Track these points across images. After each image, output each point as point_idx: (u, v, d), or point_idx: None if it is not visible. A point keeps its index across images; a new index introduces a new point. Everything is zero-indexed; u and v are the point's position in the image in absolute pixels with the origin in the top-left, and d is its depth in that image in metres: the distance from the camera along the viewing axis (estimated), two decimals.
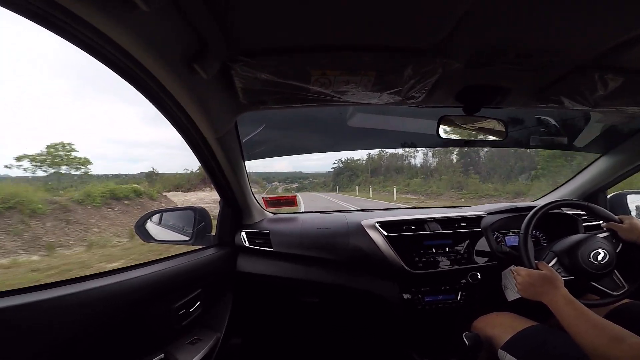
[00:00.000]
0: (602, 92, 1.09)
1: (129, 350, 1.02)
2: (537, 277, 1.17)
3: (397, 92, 1.07)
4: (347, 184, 44.27)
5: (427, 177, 30.44)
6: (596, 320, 0.96)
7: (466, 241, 1.69)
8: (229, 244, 1.71)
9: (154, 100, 0.89)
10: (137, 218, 1.58)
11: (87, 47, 0.64)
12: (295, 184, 57.07)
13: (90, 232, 7.74)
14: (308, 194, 36.07)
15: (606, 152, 1.83)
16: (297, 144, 2.37)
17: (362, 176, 43.42)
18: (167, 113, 0.97)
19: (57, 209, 7.63)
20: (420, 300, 1.64)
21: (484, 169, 25.75)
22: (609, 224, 1.39)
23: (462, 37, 0.84)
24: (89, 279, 0.92)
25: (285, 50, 0.87)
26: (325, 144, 2.39)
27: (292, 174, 62.37)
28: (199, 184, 19.66)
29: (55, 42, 68.63)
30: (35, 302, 0.73)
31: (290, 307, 1.92)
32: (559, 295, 1.08)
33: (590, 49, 0.91)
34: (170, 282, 1.19)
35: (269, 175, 59.23)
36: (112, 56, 0.68)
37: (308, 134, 2.19)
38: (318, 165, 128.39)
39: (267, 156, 2.06)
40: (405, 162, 39.49)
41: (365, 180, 41.28)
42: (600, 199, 1.96)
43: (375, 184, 36.77)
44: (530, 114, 1.87)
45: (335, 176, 50.42)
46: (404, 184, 30.22)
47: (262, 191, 31.13)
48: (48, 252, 6.26)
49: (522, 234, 1.36)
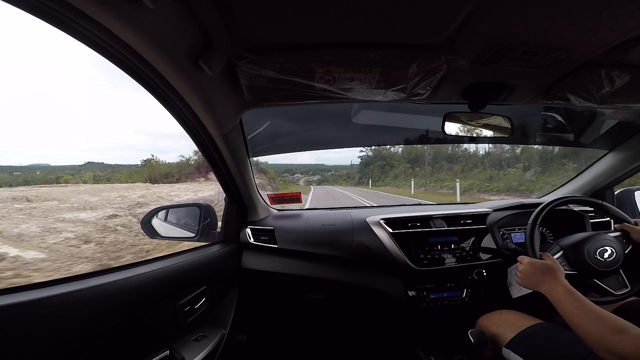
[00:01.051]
0: (609, 89, 1.08)
1: (135, 346, 1.03)
2: (538, 266, 1.16)
3: (402, 89, 1.07)
4: (379, 176, 38.14)
5: (498, 167, 23.34)
6: (598, 311, 0.95)
7: (472, 238, 1.68)
8: (234, 241, 1.72)
9: (159, 97, 0.89)
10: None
11: (93, 44, 0.64)
12: (316, 176, 57.27)
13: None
14: (329, 188, 32.52)
15: (613, 149, 1.82)
16: (303, 140, 2.37)
17: (399, 167, 36.62)
18: (172, 110, 0.98)
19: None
20: (425, 297, 1.64)
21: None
22: (623, 225, 1.37)
23: (468, 34, 0.83)
24: (94, 276, 0.93)
25: (290, 47, 0.87)
26: (332, 139, 2.39)
27: (314, 166, 62.66)
28: (193, 172, 18.32)
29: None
30: (41, 299, 0.74)
31: (295, 303, 1.92)
32: (559, 286, 1.07)
33: (597, 45, 0.90)
34: (175, 279, 1.20)
35: (292, 167, 58.91)
36: (118, 53, 0.68)
37: (315, 130, 2.19)
38: (340, 158, 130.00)
39: (272, 152, 2.07)
40: (461, 148, 30.12)
41: (404, 172, 34.79)
42: (608, 196, 1.95)
43: (420, 176, 30.50)
44: (536, 110, 1.85)
45: (362, 167, 43.76)
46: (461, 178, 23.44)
47: (282, 184, 30.73)
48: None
49: (531, 224, 1.36)
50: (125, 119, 53.57)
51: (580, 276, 1.29)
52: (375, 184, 37.32)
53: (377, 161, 40.38)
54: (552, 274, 1.12)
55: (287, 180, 48.92)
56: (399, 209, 1.98)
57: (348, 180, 45.78)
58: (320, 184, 43.97)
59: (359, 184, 35.98)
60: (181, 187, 15.18)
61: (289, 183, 43.68)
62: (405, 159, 37.42)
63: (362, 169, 41.72)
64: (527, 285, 1.19)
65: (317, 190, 27.60)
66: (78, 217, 7.54)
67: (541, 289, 1.12)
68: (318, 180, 53.25)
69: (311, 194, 22.75)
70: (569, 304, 1.01)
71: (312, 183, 49.85)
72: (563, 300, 1.03)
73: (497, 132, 1.36)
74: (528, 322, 1.21)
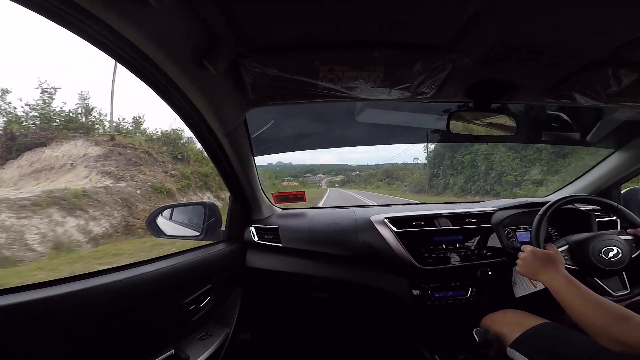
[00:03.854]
0: (616, 88, 1.07)
1: (140, 345, 1.04)
2: (540, 255, 1.16)
3: (407, 87, 1.06)
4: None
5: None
6: (599, 300, 0.94)
7: (477, 237, 1.68)
8: (238, 240, 1.72)
9: (164, 96, 0.89)
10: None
11: (98, 43, 0.64)
12: (340, 176, 54.87)
13: None
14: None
15: (620, 148, 1.80)
16: (308, 139, 2.37)
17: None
18: (177, 108, 0.98)
19: None
20: (429, 296, 1.63)
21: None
22: (636, 230, 1.36)
23: (474, 33, 0.83)
24: (100, 275, 0.93)
25: (293, 46, 0.87)
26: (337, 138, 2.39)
27: (337, 167, 61.55)
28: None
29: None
30: (46, 298, 0.74)
31: (299, 302, 1.93)
32: (559, 275, 1.06)
33: (604, 44, 0.89)
34: (180, 277, 1.21)
35: (315, 168, 57.94)
36: (123, 52, 0.69)
37: (320, 130, 2.19)
38: (365, 158, 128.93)
39: (277, 151, 2.07)
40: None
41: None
42: (614, 195, 1.93)
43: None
44: (542, 109, 1.85)
45: (436, 163, 22.17)
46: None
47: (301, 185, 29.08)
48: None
49: (541, 214, 1.36)
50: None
51: (581, 272, 1.28)
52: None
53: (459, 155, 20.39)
54: (553, 264, 1.12)
55: (309, 180, 47.12)
56: (403, 208, 1.97)
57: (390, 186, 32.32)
58: (344, 186, 41.26)
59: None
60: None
61: (310, 184, 41.86)
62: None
63: (434, 171, 22.89)
64: (526, 274, 1.19)
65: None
66: None
67: (541, 278, 1.12)
68: (342, 181, 51.20)
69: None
70: (569, 293, 1.00)
71: (335, 184, 47.74)
72: (564, 289, 1.02)
73: (502, 131, 1.35)
74: (533, 322, 1.20)
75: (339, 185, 46.91)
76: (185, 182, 10.87)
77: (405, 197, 17.99)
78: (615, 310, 0.90)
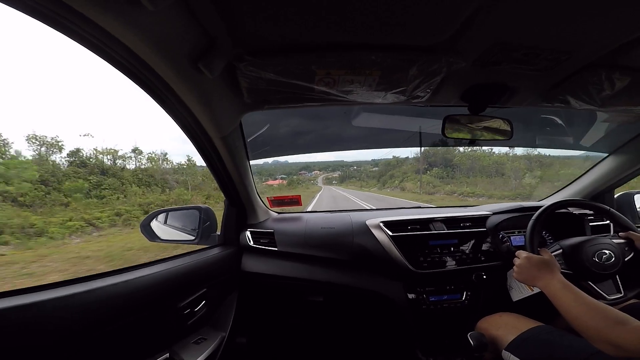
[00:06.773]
0: (609, 92, 1.08)
1: (135, 348, 1.03)
2: (535, 261, 1.16)
3: (402, 91, 1.07)
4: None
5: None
6: (596, 304, 0.94)
7: (471, 241, 1.68)
8: (233, 244, 1.71)
9: (158, 99, 0.89)
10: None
11: (91, 45, 0.64)
12: (337, 173, 53.75)
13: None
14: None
15: (613, 152, 1.81)
16: (303, 143, 2.37)
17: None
18: (171, 112, 0.98)
19: None
20: (425, 300, 1.63)
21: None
22: (628, 233, 1.36)
23: (470, 36, 0.83)
24: (95, 279, 0.93)
25: (290, 49, 0.87)
26: (333, 142, 2.39)
27: (332, 163, 60.97)
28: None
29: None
30: (41, 302, 0.74)
31: (295, 306, 1.92)
32: (555, 280, 1.07)
33: (598, 48, 0.90)
34: (175, 282, 1.20)
35: (310, 164, 57.10)
36: (117, 55, 0.68)
37: (315, 133, 2.19)
38: (361, 153, 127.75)
39: (272, 155, 2.07)
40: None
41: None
42: (607, 199, 1.94)
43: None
44: (536, 113, 1.86)
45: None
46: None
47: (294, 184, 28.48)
48: None
49: (534, 220, 1.36)
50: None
51: (575, 276, 1.29)
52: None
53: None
54: (548, 269, 1.12)
55: (303, 178, 45.41)
56: (398, 212, 1.97)
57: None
58: (343, 183, 39.38)
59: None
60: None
61: (304, 183, 39.84)
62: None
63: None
64: (523, 280, 1.19)
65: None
66: None
67: (537, 284, 1.12)
68: (340, 178, 49.69)
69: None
70: (565, 297, 1.00)
71: (333, 181, 46.27)
72: (560, 293, 1.02)
73: (497, 135, 1.36)
74: (528, 325, 1.20)
75: (337, 183, 45.71)
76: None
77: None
78: (611, 314, 0.90)
